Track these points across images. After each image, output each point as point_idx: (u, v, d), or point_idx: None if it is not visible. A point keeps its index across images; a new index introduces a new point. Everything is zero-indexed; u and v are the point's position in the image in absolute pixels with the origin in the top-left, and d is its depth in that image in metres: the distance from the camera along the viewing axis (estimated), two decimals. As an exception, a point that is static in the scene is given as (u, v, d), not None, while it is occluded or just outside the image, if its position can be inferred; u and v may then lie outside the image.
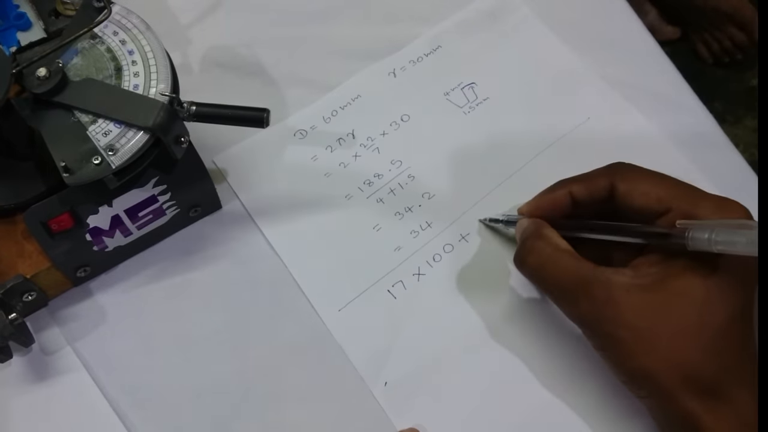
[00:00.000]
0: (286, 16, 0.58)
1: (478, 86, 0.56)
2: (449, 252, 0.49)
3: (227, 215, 0.51)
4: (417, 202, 0.51)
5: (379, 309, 0.48)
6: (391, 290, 0.48)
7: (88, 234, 0.44)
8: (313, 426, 0.45)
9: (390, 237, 0.50)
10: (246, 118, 0.42)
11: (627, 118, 0.54)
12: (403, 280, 0.49)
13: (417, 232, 0.50)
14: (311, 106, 0.55)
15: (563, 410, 0.45)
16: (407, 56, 0.57)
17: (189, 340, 0.47)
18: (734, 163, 0.53)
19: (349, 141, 0.53)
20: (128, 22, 0.43)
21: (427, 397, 0.45)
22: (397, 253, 0.49)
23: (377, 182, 0.52)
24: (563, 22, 0.58)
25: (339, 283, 0.48)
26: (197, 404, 0.45)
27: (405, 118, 0.54)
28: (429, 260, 0.49)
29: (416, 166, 0.53)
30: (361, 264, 0.49)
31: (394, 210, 0.51)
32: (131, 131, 0.40)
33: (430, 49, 0.57)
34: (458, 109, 0.55)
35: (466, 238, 0.50)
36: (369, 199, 0.51)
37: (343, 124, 0.54)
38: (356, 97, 0.55)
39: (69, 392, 0.45)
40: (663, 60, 0.58)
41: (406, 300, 0.48)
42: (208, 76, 0.56)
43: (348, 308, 0.48)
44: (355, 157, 0.53)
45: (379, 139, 0.54)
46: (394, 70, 0.56)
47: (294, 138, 0.54)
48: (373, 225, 0.50)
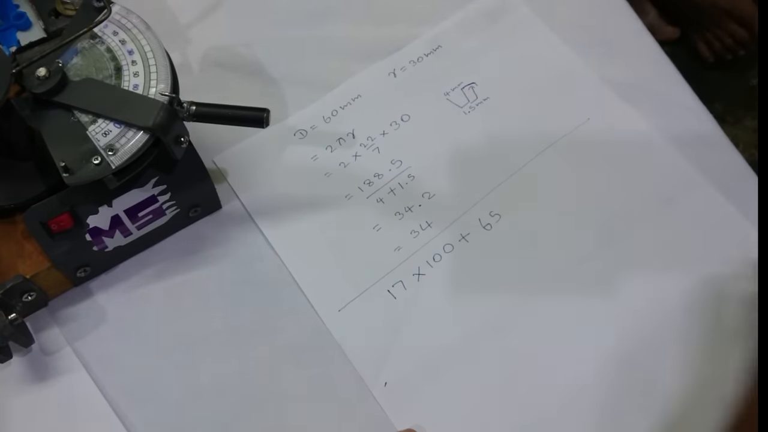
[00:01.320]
0: (286, 16, 0.58)
1: (478, 86, 0.56)
2: (449, 252, 0.49)
3: (227, 215, 0.51)
4: (417, 202, 0.51)
5: (379, 309, 0.48)
6: (391, 290, 0.48)
7: (88, 234, 0.44)
8: (312, 426, 0.45)
9: (390, 237, 0.50)
10: (246, 118, 0.42)
11: (627, 118, 0.54)
12: (403, 280, 0.49)
13: (417, 232, 0.50)
14: (311, 106, 0.55)
15: (563, 410, 0.45)
16: (407, 56, 0.57)
17: (189, 340, 0.47)
18: (734, 163, 0.53)
19: (349, 141, 0.53)
20: (128, 22, 0.43)
21: (426, 398, 0.45)
22: (397, 253, 0.49)
23: (377, 182, 0.52)
24: (563, 23, 0.58)
25: (339, 283, 0.48)
26: (197, 404, 0.45)
27: (405, 118, 0.54)
28: (429, 260, 0.49)
29: (416, 166, 0.53)
30: (361, 264, 0.49)
31: (394, 210, 0.51)
32: (131, 131, 0.40)
33: (430, 49, 0.57)
34: (458, 109, 0.55)
35: (467, 238, 0.50)
36: (369, 199, 0.51)
37: (344, 124, 0.54)
38: (356, 97, 0.55)
39: (69, 392, 0.45)
40: (663, 60, 0.58)
41: (406, 300, 0.48)
42: (208, 76, 0.56)
43: (348, 308, 0.48)
44: (355, 157, 0.53)
45: (379, 139, 0.54)
46: (394, 70, 0.56)
47: (294, 138, 0.54)
48: (373, 225, 0.50)
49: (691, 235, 0.50)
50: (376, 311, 0.48)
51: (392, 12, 0.59)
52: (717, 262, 0.49)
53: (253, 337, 0.47)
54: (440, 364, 0.46)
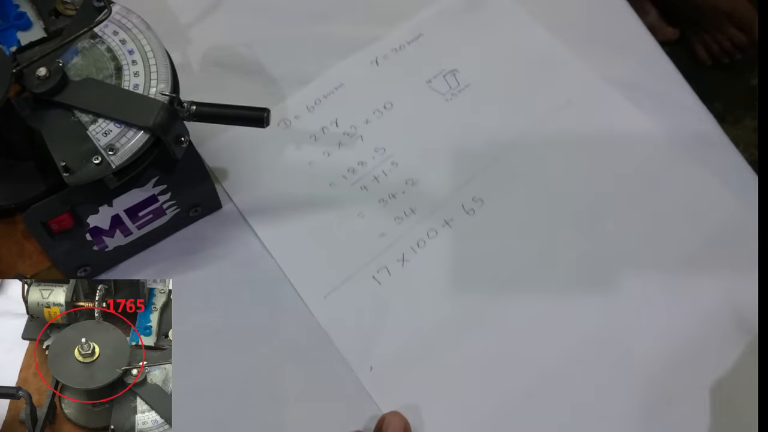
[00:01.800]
0: (286, 16, 0.58)
1: (460, 73, 0.56)
2: (433, 238, 0.50)
3: (227, 215, 0.50)
4: (401, 189, 0.52)
5: (364, 295, 0.48)
6: (376, 276, 0.49)
7: (89, 234, 0.44)
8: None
9: (374, 224, 0.50)
10: (246, 117, 0.42)
11: (608, 100, 0.55)
12: (388, 266, 0.49)
13: (401, 218, 0.51)
14: (294, 96, 0.55)
15: (549, 393, 0.45)
16: (389, 45, 0.58)
17: (189, 339, 0.47)
18: (734, 163, 0.53)
19: (332, 129, 0.54)
20: (128, 22, 0.43)
21: (411, 381, 0.46)
22: (381, 239, 0.50)
23: (361, 170, 0.52)
24: (563, 23, 0.58)
25: (324, 270, 0.49)
26: (197, 404, 0.45)
27: (388, 106, 0.55)
28: (413, 246, 0.50)
29: (399, 153, 0.53)
30: (345, 251, 0.49)
31: (377, 197, 0.51)
32: (131, 131, 0.40)
33: (412, 37, 0.58)
34: (440, 96, 0.55)
35: (450, 224, 0.50)
36: (353, 187, 0.52)
37: (327, 113, 0.55)
38: (339, 86, 0.56)
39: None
40: (663, 60, 0.58)
41: (390, 286, 0.48)
42: (208, 76, 0.56)
43: (333, 295, 0.48)
44: (339, 146, 0.53)
45: (363, 127, 0.54)
46: (376, 59, 0.57)
47: (278, 128, 0.54)
48: (357, 212, 0.51)
49: (674, 214, 0.51)
50: (362, 297, 0.48)
51: (393, 12, 0.59)
52: (700, 242, 0.50)
53: (254, 336, 0.47)
54: (425, 348, 0.47)
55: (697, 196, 0.51)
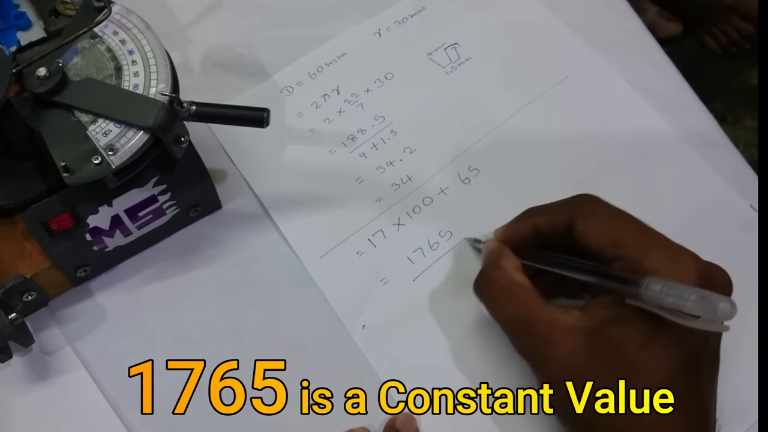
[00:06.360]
0: (286, 16, 0.58)
1: (460, 47, 0.57)
2: (428, 205, 0.51)
3: (227, 214, 0.51)
4: (398, 157, 0.52)
5: (360, 257, 0.49)
6: (372, 239, 0.49)
7: (88, 234, 0.44)
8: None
9: (371, 189, 0.51)
10: (246, 117, 0.42)
11: (606, 75, 0.56)
12: (384, 229, 0.50)
13: (398, 185, 0.51)
14: (297, 62, 0.56)
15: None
16: (392, 17, 0.58)
17: (189, 340, 0.47)
18: (734, 163, 0.53)
19: (333, 97, 0.55)
20: (128, 22, 0.43)
21: (403, 341, 0.47)
22: (378, 204, 0.51)
23: (360, 137, 0.53)
24: (563, 23, 0.58)
25: (320, 232, 0.50)
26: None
27: (389, 76, 0.56)
28: (409, 211, 0.50)
29: (399, 122, 0.54)
30: (342, 214, 0.50)
31: (376, 164, 0.52)
32: (131, 131, 0.40)
33: (415, 10, 0.59)
34: (441, 68, 0.56)
35: (445, 192, 0.51)
36: (352, 154, 0.53)
37: (329, 81, 0.55)
38: (342, 55, 0.56)
39: (69, 392, 0.45)
40: (663, 60, 0.58)
41: (385, 249, 0.49)
42: (208, 76, 0.56)
43: (329, 255, 0.49)
44: (339, 113, 0.54)
45: (363, 96, 0.55)
46: (379, 30, 0.58)
47: (281, 94, 0.55)
48: (356, 178, 0.52)
49: (665, 188, 0.51)
50: (357, 259, 0.49)
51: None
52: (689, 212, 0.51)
53: (254, 336, 0.47)
54: (417, 310, 0.47)
55: (691, 185, 0.52)
